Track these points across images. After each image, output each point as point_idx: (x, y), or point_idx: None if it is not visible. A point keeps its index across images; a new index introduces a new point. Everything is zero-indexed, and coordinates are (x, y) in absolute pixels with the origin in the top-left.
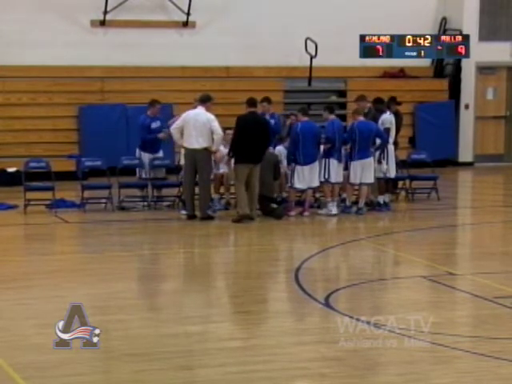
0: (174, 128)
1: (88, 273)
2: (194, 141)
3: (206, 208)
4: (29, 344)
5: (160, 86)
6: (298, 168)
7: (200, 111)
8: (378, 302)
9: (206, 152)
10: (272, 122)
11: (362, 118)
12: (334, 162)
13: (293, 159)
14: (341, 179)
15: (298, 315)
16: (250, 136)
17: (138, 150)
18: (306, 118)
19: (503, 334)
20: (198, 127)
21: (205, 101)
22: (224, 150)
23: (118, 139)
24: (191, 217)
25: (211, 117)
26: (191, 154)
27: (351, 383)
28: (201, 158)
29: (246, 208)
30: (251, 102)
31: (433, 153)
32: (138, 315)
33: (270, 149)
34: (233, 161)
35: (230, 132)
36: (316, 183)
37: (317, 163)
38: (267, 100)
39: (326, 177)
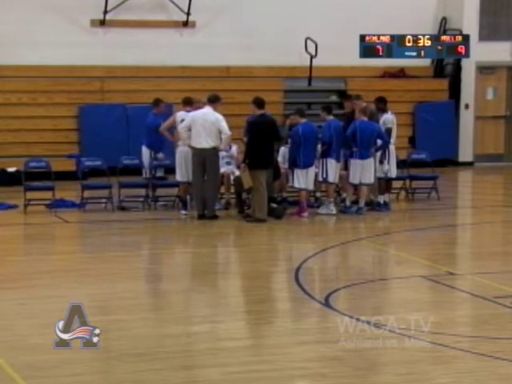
0: (183, 127)
1: (88, 273)
2: (203, 140)
3: (213, 207)
4: (29, 344)
5: (160, 86)
6: (298, 171)
7: (208, 111)
8: (378, 302)
9: (215, 151)
10: None
11: (364, 118)
12: (331, 162)
13: (293, 162)
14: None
15: (298, 315)
16: (265, 141)
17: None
18: (304, 120)
19: (503, 334)
20: (207, 127)
21: (213, 101)
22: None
23: (117, 139)
24: (201, 216)
25: (219, 117)
26: (200, 153)
27: (351, 383)
28: (209, 158)
29: (265, 214)
30: (259, 103)
31: (433, 153)
32: (138, 315)
33: None
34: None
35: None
36: (311, 186)
37: (314, 166)
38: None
39: (324, 176)
